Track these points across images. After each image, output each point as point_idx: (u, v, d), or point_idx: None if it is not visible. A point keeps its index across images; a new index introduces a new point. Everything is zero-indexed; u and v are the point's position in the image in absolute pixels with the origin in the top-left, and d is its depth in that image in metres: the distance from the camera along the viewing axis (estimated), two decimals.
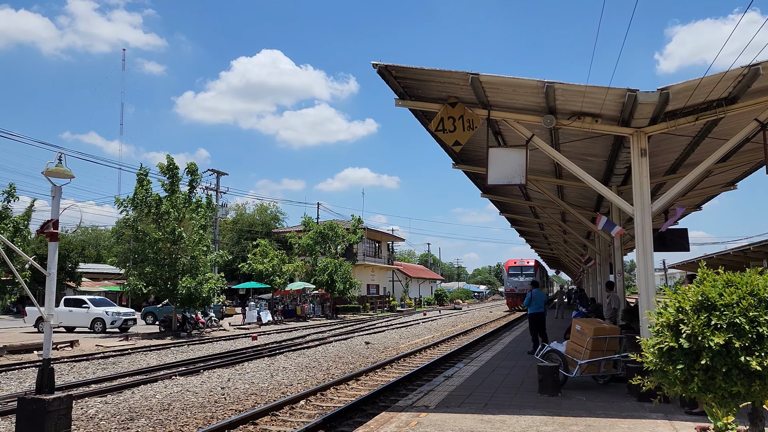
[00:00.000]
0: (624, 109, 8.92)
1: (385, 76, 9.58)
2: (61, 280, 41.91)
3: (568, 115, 9.81)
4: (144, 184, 26.96)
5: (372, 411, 10.04)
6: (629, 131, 9.43)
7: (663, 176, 14.43)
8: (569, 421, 7.53)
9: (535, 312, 15.62)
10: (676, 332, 4.47)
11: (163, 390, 12.47)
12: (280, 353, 19.33)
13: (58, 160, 8.51)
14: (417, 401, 9.02)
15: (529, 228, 30.86)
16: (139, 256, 27.48)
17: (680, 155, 12.77)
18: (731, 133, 9.72)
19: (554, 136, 11.46)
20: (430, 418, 7.84)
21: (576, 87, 8.62)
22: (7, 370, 15.81)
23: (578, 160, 11.63)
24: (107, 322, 28.65)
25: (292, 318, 40.62)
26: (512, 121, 10.14)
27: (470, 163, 15.07)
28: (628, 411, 8.11)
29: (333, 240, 48.78)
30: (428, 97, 10.38)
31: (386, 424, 7.56)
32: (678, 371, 4.37)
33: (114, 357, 18.87)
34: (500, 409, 8.32)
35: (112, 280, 53.62)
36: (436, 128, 10.11)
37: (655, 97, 8.21)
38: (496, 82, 9.06)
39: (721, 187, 17.17)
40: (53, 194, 8.42)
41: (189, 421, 9.79)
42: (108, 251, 64.85)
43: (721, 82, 8.00)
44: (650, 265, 9.28)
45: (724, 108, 8.79)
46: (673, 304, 4.62)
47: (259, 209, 73.33)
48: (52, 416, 7.55)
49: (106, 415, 10.19)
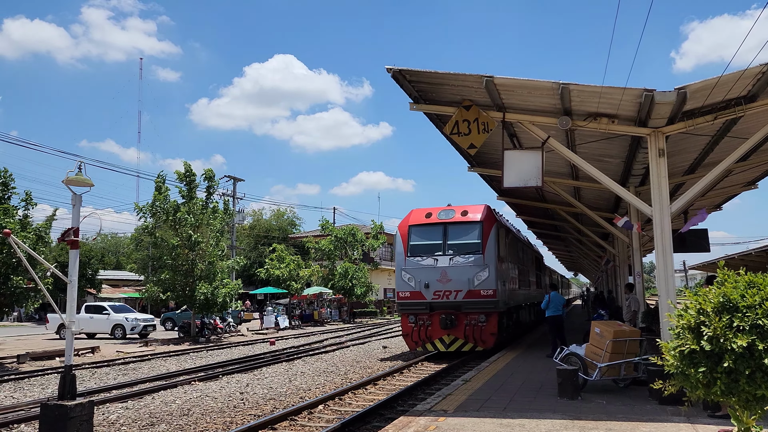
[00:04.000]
0: (641, 109, 8.84)
1: (400, 80, 9.60)
2: (81, 287, 42.42)
3: (584, 116, 9.74)
4: (162, 191, 27.25)
5: (390, 415, 10.02)
6: (646, 131, 9.35)
7: (682, 176, 14.27)
8: (590, 424, 7.45)
9: (553, 315, 15.51)
10: (697, 334, 4.41)
11: (182, 395, 12.56)
12: (298, 358, 19.39)
13: (78, 169, 8.63)
14: (435, 405, 8.99)
15: (545, 230, 30.65)
16: (157, 262, 27.77)
17: (699, 155, 12.62)
18: (751, 131, 9.58)
19: (570, 137, 11.38)
20: (448, 422, 7.80)
21: (592, 88, 8.56)
22: (30, 376, 16.02)
23: (595, 162, 11.56)
24: (127, 328, 28.94)
25: (309, 322, 40.72)
26: (527, 123, 10.10)
27: (486, 165, 15.03)
28: (650, 414, 8.01)
29: (352, 245, 48.84)
30: (443, 101, 10.38)
31: (405, 428, 7.54)
32: (700, 374, 4.31)
33: (134, 363, 19.05)
34: (519, 413, 8.26)
35: (132, 286, 54.16)
36: (451, 131, 10.11)
37: (673, 96, 8.13)
38: (510, 84, 9.04)
39: (742, 186, 16.93)
40: (73, 202, 8.54)
41: (209, 426, 9.85)
42: (127, 258, 65.57)
43: (740, 81, 7.90)
44: (670, 267, 9.17)
45: (743, 106, 8.68)
46: (694, 306, 4.57)
47: (276, 215, 73.68)
48: (74, 422, 7.64)
49: (127, 420, 10.28)
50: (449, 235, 17.30)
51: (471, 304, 16.49)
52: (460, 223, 17.26)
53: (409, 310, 17.31)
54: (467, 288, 16.47)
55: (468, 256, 16.78)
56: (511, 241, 20.27)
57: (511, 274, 19.27)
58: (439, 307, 16.88)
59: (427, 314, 17.07)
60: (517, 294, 20.49)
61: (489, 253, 16.66)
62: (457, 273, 16.68)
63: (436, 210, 17.85)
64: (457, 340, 17.07)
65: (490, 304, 16.41)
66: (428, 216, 17.74)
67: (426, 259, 17.15)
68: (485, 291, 16.44)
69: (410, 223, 17.80)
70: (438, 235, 17.39)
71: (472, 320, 16.62)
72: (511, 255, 19.91)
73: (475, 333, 16.68)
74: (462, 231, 17.25)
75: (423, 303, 16.97)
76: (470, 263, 16.60)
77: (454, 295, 16.67)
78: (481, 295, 16.39)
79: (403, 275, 17.41)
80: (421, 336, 17.26)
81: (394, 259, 18.52)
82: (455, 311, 16.78)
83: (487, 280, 16.45)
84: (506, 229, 19.41)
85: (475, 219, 17.12)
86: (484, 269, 16.57)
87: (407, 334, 17.55)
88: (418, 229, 17.69)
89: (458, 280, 16.57)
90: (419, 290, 17.00)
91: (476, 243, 16.73)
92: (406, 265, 17.40)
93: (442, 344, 17.19)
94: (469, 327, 16.69)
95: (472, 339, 16.69)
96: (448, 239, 17.22)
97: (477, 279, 16.37)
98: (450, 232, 17.31)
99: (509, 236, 19.82)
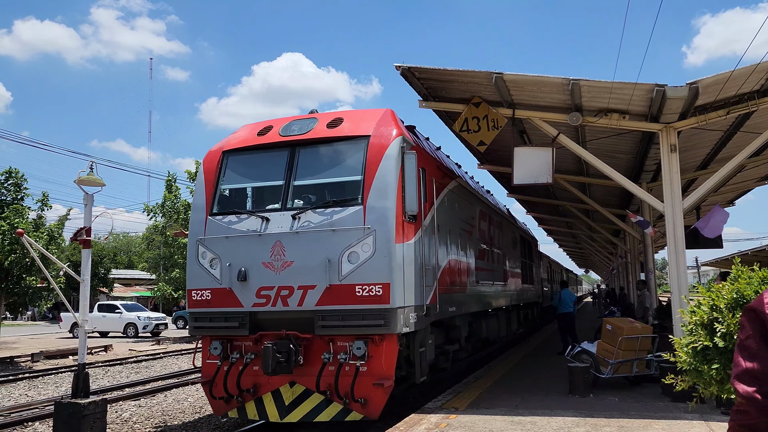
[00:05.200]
0: (652, 104, 8.78)
1: (409, 78, 9.58)
2: (94, 286, 42.76)
3: (594, 112, 9.68)
4: (172, 190, 27.44)
5: (401, 412, 10.03)
6: (658, 127, 9.28)
7: (694, 172, 14.15)
8: (602, 422, 7.42)
9: (564, 312, 15.44)
10: (710, 331, 4.37)
11: (195, 393, 12.64)
12: None
13: (90, 169, 8.70)
14: (446, 402, 8.98)
15: (556, 227, 30.52)
16: (168, 261, 27.98)
17: (711, 150, 12.51)
18: (764, 126, 9.50)
19: (581, 133, 11.32)
20: (459, 419, 7.80)
21: (602, 83, 8.51)
22: (44, 374, 16.19)
23: (606, 158, 11.48)
24: (139, 326, 29.17)
25: None
26: (537, 120, 10.05)
27: (496, 162, 14.98)
28: (663, 411, 7.96)
29: None
30: (452, 98, 10.36)
31: (416, 426, 7.55)
32: (713, 371, 4.27)
33: (146, 361, 19.19)
34: (531, 411, 8.24)
35: (144, 285, 54.56)
36: (461, 129, 10.08)
37: (684, 91, 8.06)
38: (520, 81, 9.00)
39: (755, 181, 16.76)
40: (85, 202, 8.62)
41: (221, 423, 9.91)
42: (139, 257, 66.06)
43: (753, 75, 7.82)
44: (682, 263, 9.11)
45: (756, 101, 8.60)
46: (707, 302, 4.53)
47: None
48: (87, 420, 7.72)
49: (140, 418, 10.37)
50: (299, 167, 8.52)
51: (334, 317, 7.76)
52: (324, 143, 8.53)
53: (210, 330, 8.38)
54: (325, 281, 7.79)
55: (333, 212, 8.00)
56: (461, 196, 11.38)
57: (460, 256, 11.00)
58: (270, 324, 8.06)
59: (246, 338, 8.18)
60: (477, 293, 12.48)
61: (382, 203, 7.88)
62: (306, 249, 7.98)
63: (282, 122, 9.06)
64: (309, 395, 7.95)
65: (377, 317, 7.60)
66: (264, 133, 8.94)
67: (246, 220, 8.36)
68: (367, 287, 7.73)
69: (226, 148, 8.98)
70: (277, 170, 8.61)
71: (339, 353, 7.80)
72: (462, 222, 11.39)
73: (341, 383, 7.64)
74: (326, 159, 8.58)
75: (236, 314, 8.17)
76: (335, 227, 7.91)
77: (299, 298, 7.90)
78: (356, 298, 7.73)
79: (200, 256, 8.48)
80: (239, 385, 8.05)
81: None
82: (301, 332, 7.84)
83: (372, 264, 7.74)
84: (445, 172, 10.35)
85: (355, 134, 8.38)
86: (367, 238, 7.80)
87: (208, 380, 8.30)
88: (238, 160, 8.93)
89: (308, 264, 7.93)
90: (228, 287, 8.20)
91: (353, 183, 8.19)
92: (206, 233, 8.51)
93: (276, 405, 8.07)
94: (331, 369, 7.76)
95: (336, 394, 7.66)
96: (296, 177, 8.49)
97: (350, 260, 7.83)
98: (301, 163, 8.55)
99: (455, 187, 10.91)
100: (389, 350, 7.73)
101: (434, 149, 10.76)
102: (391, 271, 7.69)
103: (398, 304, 7.66)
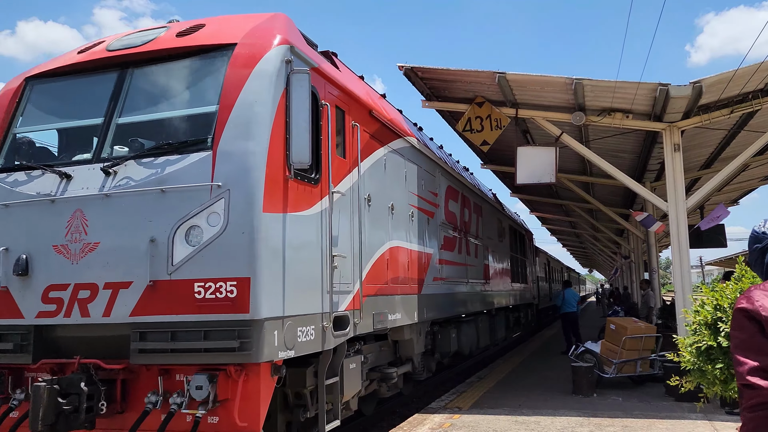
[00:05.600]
0: (656, 103, 8.77)
1: (412, 78, 9.60)
2: None
3: (597, 111, 9.68)
4: None
5: (405, 412, 10.04)
6: (662, 126, 9.27)
7: (698, 171, 14.13)
8: (605, 421, 7.42)
9: (567, 312, 15.43)
10: (714, 330, 4.37)
11: None
12: None
13: None
14: (450, 403, 8.99)
15: (559, 227, 30.50)
16: None
17: (715, 149, 12.49)
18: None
19: (584, 133, 11.32)
20: (463, 419, 7.80)
21: (605, 83, 8.51)
22: None
23: (609, 157, 11.47)
24: None
25: None
26: (541, 120, 10.05)
27: (499, 162, 14.97)
28: (666, 411, 7.96)
29: None
30: (455, 98, 10.37)
31: (419, 425, 7.56)
32: (717, 370, 4.27)
33: None
34: (534, 410, 8.24)
35: None
36: (464, 128, 10.09)
37: (688, 90, 8.06)
38: (523, 81, 9.00)
39: (759, 180, 16.72)
40: None
41: None
42: None
43: (757, 74, 7.81)
44: (686, 262, 9.10)
45: (760, 100, 8.59)
46: (710, 302, 4.53)
47: None
48: None
49: None
50: (129, 96, 5.50)
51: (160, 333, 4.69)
52: (169, 59, 5.54)
53: None
54: (146, 276, 4.77)
55: (166, 162, 5.00)
56: (416, 163, 8.71)
57: (411, 243, 8.27)
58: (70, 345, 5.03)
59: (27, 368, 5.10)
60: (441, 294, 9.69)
61: (242, 145, 4.84)
62: (119, 223, 4.95)
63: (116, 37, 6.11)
64: None
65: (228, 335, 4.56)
66: (88, 50, 6.04)
67: (38, 179, 5.32)
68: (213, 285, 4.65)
69: (30, 74, 6.04)
70: (98, 102, 5.56)
71: (175, 393, 4.65)
72: (417, 198, 8.66)
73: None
74: (172, 82, 5.62)
75: (13, 328, 5.07)
76: (166, 185, 4.90)
77: (105, 303, 4.85)
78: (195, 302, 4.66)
79: None
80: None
81: None
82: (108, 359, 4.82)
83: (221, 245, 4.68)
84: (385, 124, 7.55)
85: (214, 42, 5.40)
86: (215, 204, 4.74)
87: None
88: (45, 90, 6.01)
89: (120, 246, 4.91)
90: (3, 285, 5.14)
91: (203, 117, 5.19)
92: None
93: None
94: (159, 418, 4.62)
95: None
96: (122, 112, 5.45)
97: (188, 241, 4.78)
98: (132, 90, 5.54)
99: (404, 148, 8.23)
100: (253, 390, 4.67)
101: (374, 93, 7.90)
102: (254, 257, 4.66)
103: (268, 314, 4.67)
